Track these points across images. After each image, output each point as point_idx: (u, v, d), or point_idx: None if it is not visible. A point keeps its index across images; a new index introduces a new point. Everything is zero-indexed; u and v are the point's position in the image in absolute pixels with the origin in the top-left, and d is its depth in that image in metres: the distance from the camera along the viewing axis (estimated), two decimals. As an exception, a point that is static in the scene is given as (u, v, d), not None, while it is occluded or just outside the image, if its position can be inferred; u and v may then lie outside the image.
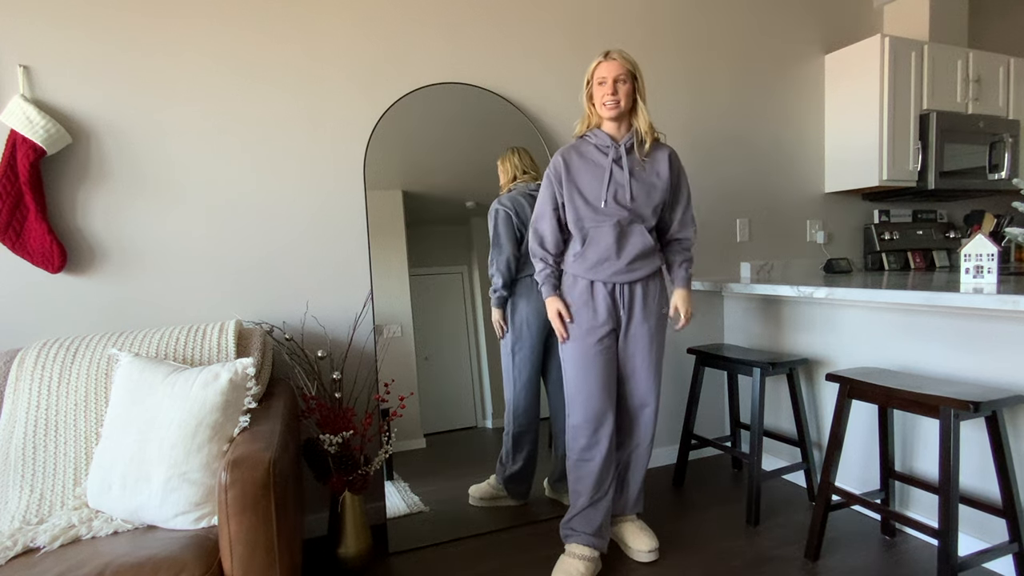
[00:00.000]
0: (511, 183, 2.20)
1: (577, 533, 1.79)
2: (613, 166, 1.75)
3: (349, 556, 1.79)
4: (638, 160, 1.77)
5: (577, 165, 1.77)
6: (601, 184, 1.74)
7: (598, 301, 1.77)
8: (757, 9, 2.79)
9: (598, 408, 1.76)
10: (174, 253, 1.94)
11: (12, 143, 1.71)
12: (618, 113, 1.73)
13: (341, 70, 2.11)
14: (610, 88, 1.71)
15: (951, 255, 3.24)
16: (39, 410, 1.52)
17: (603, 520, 1.79)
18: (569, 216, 1.77)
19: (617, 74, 1.71)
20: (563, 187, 1.77)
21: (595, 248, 1.75)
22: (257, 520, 1.19)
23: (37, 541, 1.29)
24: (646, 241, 1.76)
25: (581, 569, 1.73)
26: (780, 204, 2.90)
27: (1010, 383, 1.67)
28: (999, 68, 3.00)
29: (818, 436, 2.31)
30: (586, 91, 1.78)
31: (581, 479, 1.78)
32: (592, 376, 1.75)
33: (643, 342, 1.80)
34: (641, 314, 1.79)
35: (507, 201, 2.14)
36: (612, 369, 1.79)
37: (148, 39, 1.88)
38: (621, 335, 1.82)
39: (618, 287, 1.78)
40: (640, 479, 1.91)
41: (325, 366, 2.10)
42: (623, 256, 1.75)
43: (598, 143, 1.77)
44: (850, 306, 2.13)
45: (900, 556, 1.83)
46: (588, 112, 1.80)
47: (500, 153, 2.23)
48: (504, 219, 2.12)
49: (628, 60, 1.72)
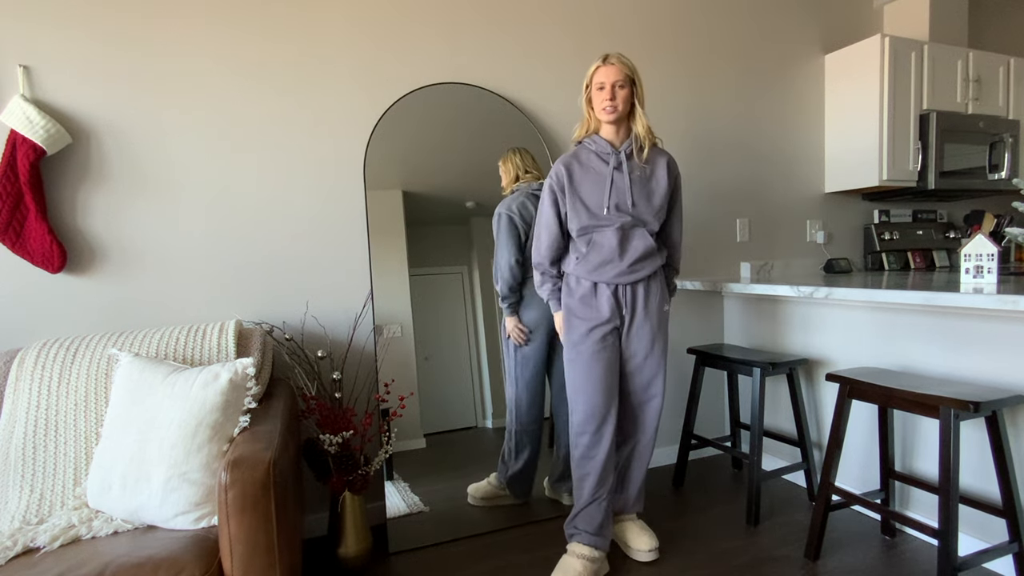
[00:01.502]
0: (514, 183, 2.20)
1: (579, 532, 1.79)
2: (614, 173, 1.76)
3: (349, 556, 1.79)
4: (638, 165, 1.78)
5: (579, 174, 1.78)
6: (603, 192, 1.75)
7: (601, 301, 1.78)
8: (757, 10, 2.79)
9: (600, 406, 1.76)
10: (174, 253, 1.94)
11: (12, 143, 1.72)
12: (616, 117, 1.74)
13: (341, 70, 2.11)
14: (608, 93, 1.71)
15: (951, 255, 3.24)
16: (39, 410, 1.52)
17: (604, 518, 1.79)
18: (572, 224, 1.79)
19: (616, 79, 1.71)
20: (566, 196, 1.78)
21: (598, 251, 1.77)
22: (257, 520, 1.19)
23: (37, 541, 1.29)
24: (648, 243, 1.77)
25: (579, 568, 1.73)
26: (780, 204, 2.90)
27: (1010, 383, 1.67)
28: (999, 68, 3.00)
29: (818, 436, 2.31)
30: (585, 95, 1.79)
31: (584, 477, 1.78)
32: (595, 375, 1.76)
33: (647, 338, 1.81)
34: (643, 311, 1.81)
35: (511, 204, 2.14)
36: (615, 368, 1.80)
37: (148, 39, 1.88)
38: (624, 333, 1.82)
39: (620, 287, 1.79)
40: (641, 476, 1.92)
41: (325, 366, 2.10)
42: (626, 258, 1.77)
43: (598, 150, 1.78)
44: (850, 306, 2.13)
45: (900, 556, 1.83)
46: (587, 116, 1.80)
47: (500, 153, 2.23)
48: (507, 224, 2.12)
49: (627, 65, 1.73)
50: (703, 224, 2.73)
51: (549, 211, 1.81)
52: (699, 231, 2.72)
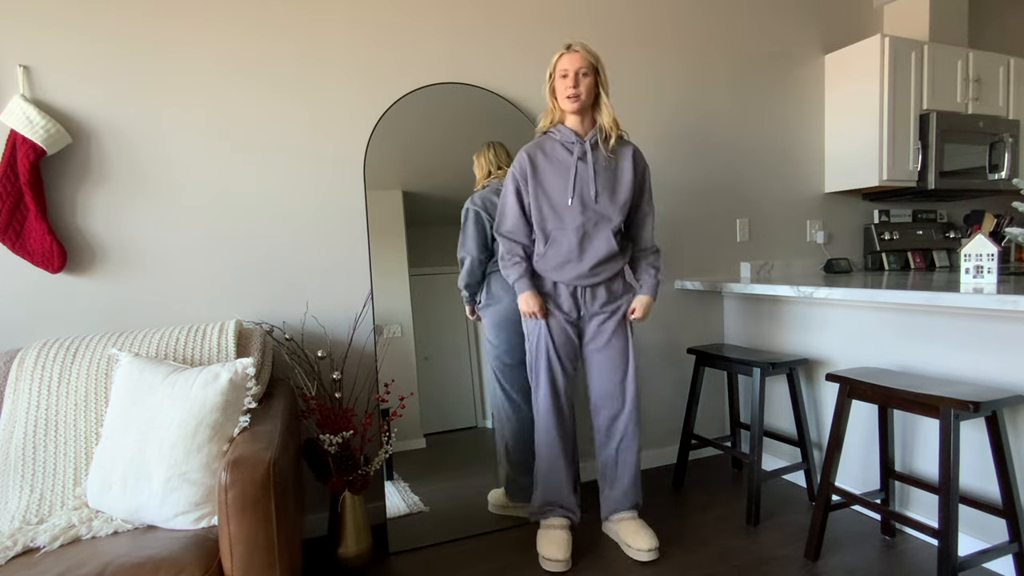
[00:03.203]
0: (485, 179, 2.17)
1: (550, 507, 1.90)
2: (578, 163, 1.76)
3: (349, 556, 1.79)
4: (603, 156, 1.78)
5: (542, 164, 1.79)
6: (567, 182, 1.75)
7: (561, 299, 1.84)
8: (757, 10, 2.79)
9: (557, 378, 1.84)
10: (174, 253, 1.94)
11: (12, 143, 1.72)
12: (580, 106, 1.74)
13: (341, 70, 2.11)
14: (572, 81, 1.72)
15: (951, 255, 3.24)
16: (39, 410, 1.52)
17: (566, 490, 1.89)
18: (534, 216, 1.80)
19: (579, 66, 1.71)
20: (529, 186, 1.78)
21: (556, 250, 1.78)
22: (257, 520, 1.19)
23: (37, 541, 1.29)
24: (610, 246, 1.78)
25: (566, 537, 1.83)
26: (780, 204, 2.90)
27: (1010, 383, 1.67)
28: (999, 68, 3.00)
29: (818, 436, 2.31)
30: (549, 84, 1.78)
31: (542, 447, 1.88)
32: (553, 347, 1.83)
33: (608, 341, 1.85)
34: (604, 314, 1.84)
35: (478, 200, 2.11)
36: (572, 347, 1.87)
37: (148, 39, 1.88)
38: (586, 336, 1.87)
39: (579, 289, 1.82)
40: (628, 476, 1.91)
41: (325, 366, 2.10)
42: (585, 259, 1.78)
43: (563, 139, 1.78)
44: (850, 306, 2.13)
45: (900, 556, 1.83)
46: (551, 106, 1.80)
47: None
48: (474, 219, 2.09)
49: (590, 53, 1.73)
50: (703, 224, 2.73)
51: (512, 199, 1.83)
52: (699, 231, 2.72)
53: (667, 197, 2.65)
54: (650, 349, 2.64)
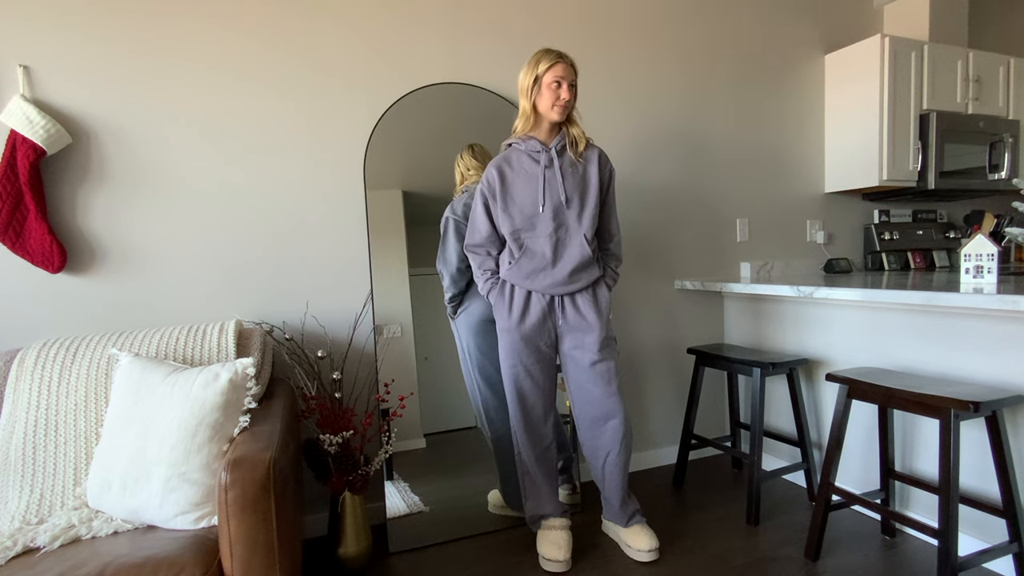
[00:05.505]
0: (461, 184, 2.14)
1: (543, 517, 1.90)
2: (545, 171, 1.76)
3: (349, 556, 1.79)
4: (571, 162, 1.79)
5: (510, 177, 1.80)
6: (536, 190, 1.76)
7: (532, 313, 1.80)
8: (757, 10, 2.79)
9: (529, 396, 1.84)
10: (174, 253, 1.94)
11: (12, 143, 1.72)
12: (567, 115, 1.77)
13: (341, 70, 2.11)
14: (566, 91, 1.74)
15: (951, 255, 3.24)
16: (39, 410, 1.52)
17: (552, 492, 1.91)
18: (505, 227, 1.79)
19: (572, 78, 1.75)
20: (498, 201, 1.79)
21: (529, 257, 1.78)
22: (257, 520, 1.19)
23: (37, 541, 1.29)
24: (584, 252, 1.77)
25: (565, 537, 1.83)
26: (780, 204, 2.90)
27: (1010, 383, 1.67)
28: (999, 68, 3.00)
29: (818, 436, 2.31)
30: (532, 90, 1.76)
31: (524, 464, 1.90)
32: (523, 364, 1.82)
33: (588, 354, 1.81)
34: (582, 325, 1.81)
35: (459, 209, 2.06)
36: (548, 360, 1.86)
37: (148, 40, 1.88)
38: (564, 349, 1.85)
39: (556, 299, 1.80)
40: (617, 488, 1.89)
41: (325, 366, 2.10)
42: (559, 267, 1.77)
43: (528, 150, 1.79)
44: (850, 306, 2.13)
45: (900, 556, 1.83)
46: (530, 114, 1.78)
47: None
48: (453, 229, 2.05)
49: (574, 64, 1.78)
50: (703, 224, 2.73)
51: (482, 215, 1.83)
52: (699, 231, 2.72)
53: (667, 197, 2.65)
54: (650, 349, 2.64)
